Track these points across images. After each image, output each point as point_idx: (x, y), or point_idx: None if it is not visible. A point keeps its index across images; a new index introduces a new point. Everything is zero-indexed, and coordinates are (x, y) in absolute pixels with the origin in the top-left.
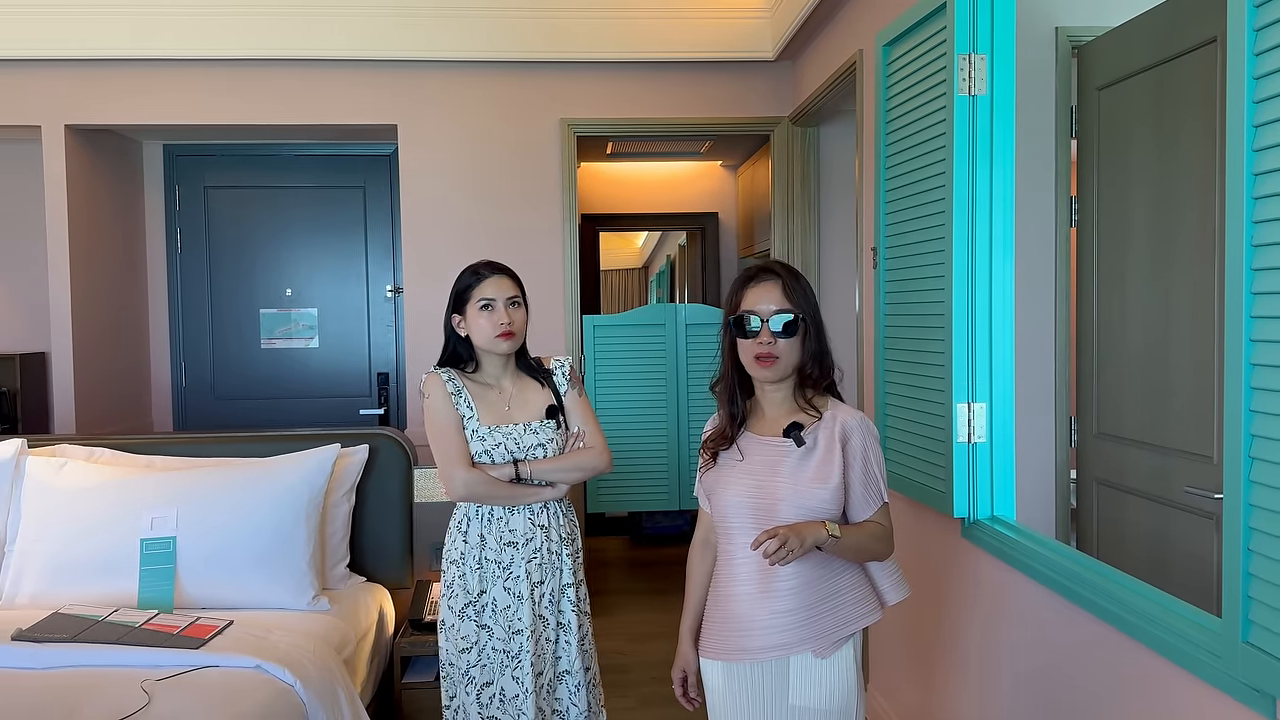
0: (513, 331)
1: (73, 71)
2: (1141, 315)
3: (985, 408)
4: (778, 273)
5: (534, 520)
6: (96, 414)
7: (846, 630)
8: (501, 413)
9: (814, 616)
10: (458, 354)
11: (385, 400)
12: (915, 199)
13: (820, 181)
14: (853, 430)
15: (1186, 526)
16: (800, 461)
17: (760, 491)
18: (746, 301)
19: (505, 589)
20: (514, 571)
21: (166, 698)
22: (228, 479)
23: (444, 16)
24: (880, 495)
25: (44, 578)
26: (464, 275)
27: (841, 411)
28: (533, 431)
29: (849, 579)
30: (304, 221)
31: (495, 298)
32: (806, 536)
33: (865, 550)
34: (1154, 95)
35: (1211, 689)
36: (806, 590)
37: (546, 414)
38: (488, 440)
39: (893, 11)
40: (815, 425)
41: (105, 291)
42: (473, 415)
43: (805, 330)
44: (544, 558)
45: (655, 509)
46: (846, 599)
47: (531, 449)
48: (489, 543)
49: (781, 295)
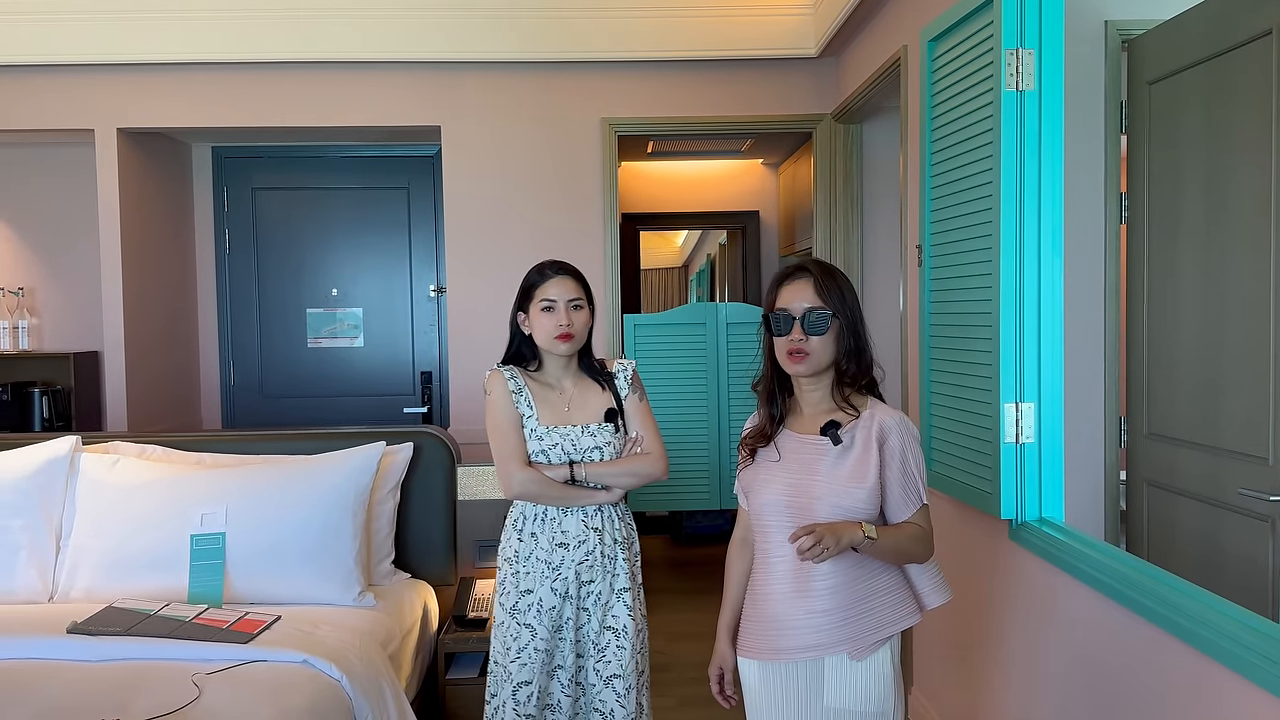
0: (571, 334)
1: (125, 76)
2: (1193, 313)
3: (1033, 407)
4: (810, 270)
5: (587, 523)
6: (148, 412)
7: (883, 633)
8: (561, 413)
9: (850, 618)
10: (521, 352)
11: (429, 398)
12: (961, 195)
13: (863, 179)
14: (891, 430)
15: (1239, 529)
16: (837, 460)
17: (797, 490)
18: (780, 300)
19: (552, 589)
20: (562, 572)
21: (217, 691)
22: (276, 476)
23: (486, 18)
24: (919, 497)
25: (98, 572)
26: (530, 274)
27: (880, 411)
28: (590, 434)
29: (887, 580)
30: (349, 222)
31: (557, 299)
32: (842, 536)
33: (903, 552)
34: (1206, 89)
35: (1265, 694)
36: (843, 591)
37: (605, 417)
38: (545, 440)
39: (938, 7)
40: (853, 424)
41: (156, 292)
42: (532, 414)
43: (839, 327)
44: (596, 560)
45: (695, 508)
46: (884, 601)
47: (588, 451)
48: (540, 542)
49: (813, 293)
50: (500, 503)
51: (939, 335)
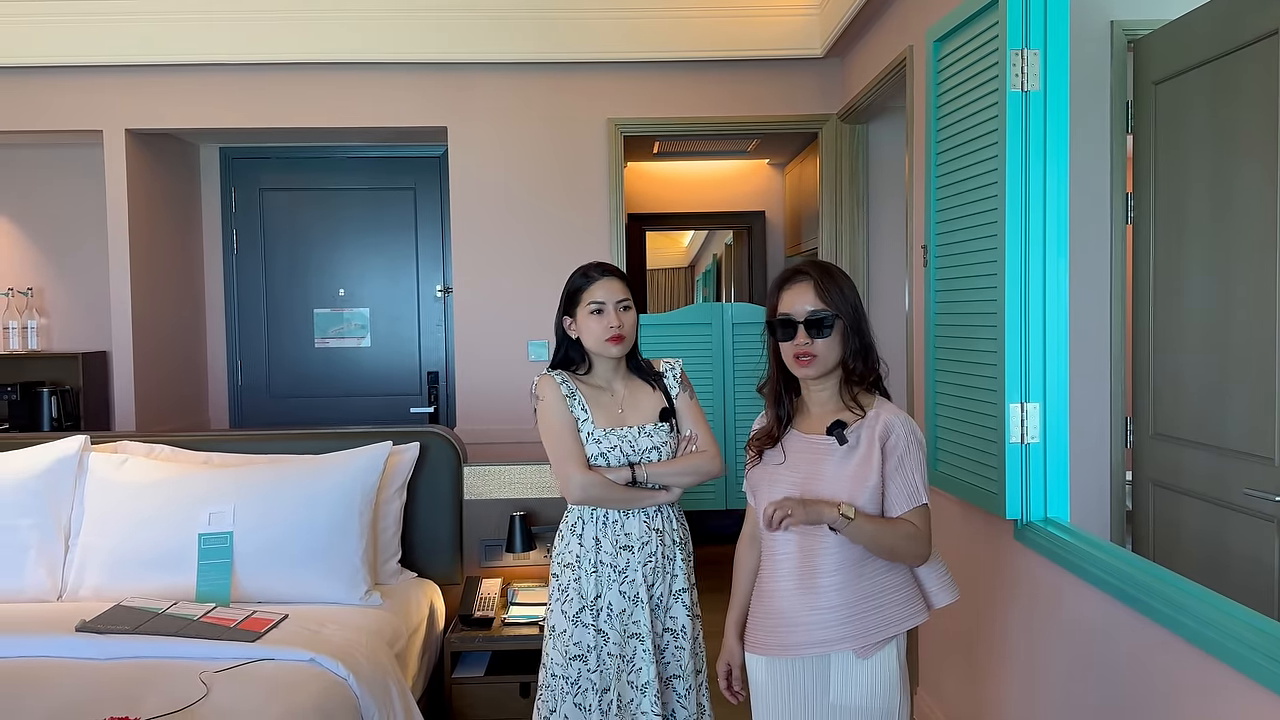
0: (623, 335)
1: (133, 78)
2: (1199, 313)
3: (1039, 408)
4: (809, 274)
5: (649, 524)
6: (156, 411)
7: (890, 631)
8: (615, 415)
9: (856, 615)
10: (569, 356)
11: (435, 398)
12: (967, 196)
13: (869, 179)
14: (893, 428)
15: (1245, 529)
16: (843, 460)
17: (803, 490)
18: (782, 305)
19: (621, 593)
20: (629, 575)
21: (224, 689)
22: (283, 476)
23: (492, 19)
24: (915, 496)
25: (106, 571)
26: (574, 277)
27: (885, 411)
28: (647, 434)
29: (894, 579)
30: (356, 222)
31: (606, 301)
32: (811, 508)
33: (887, 545)
34: (1212, 89)
35: (1271, 694)
36: (848, 589)
37: (660, 416)
38: (604, 443)
39: (944, 7)
40: (859, 423)
41: (164, 292)
42: (587, 418)
43: (843, 328)
44: (658, 562)
45: (703, 509)
46: (891, 599)
47: (646, 452)
48: (604, 546)
49: (814, 296)
50: (506, 502)
51: (944, 335)
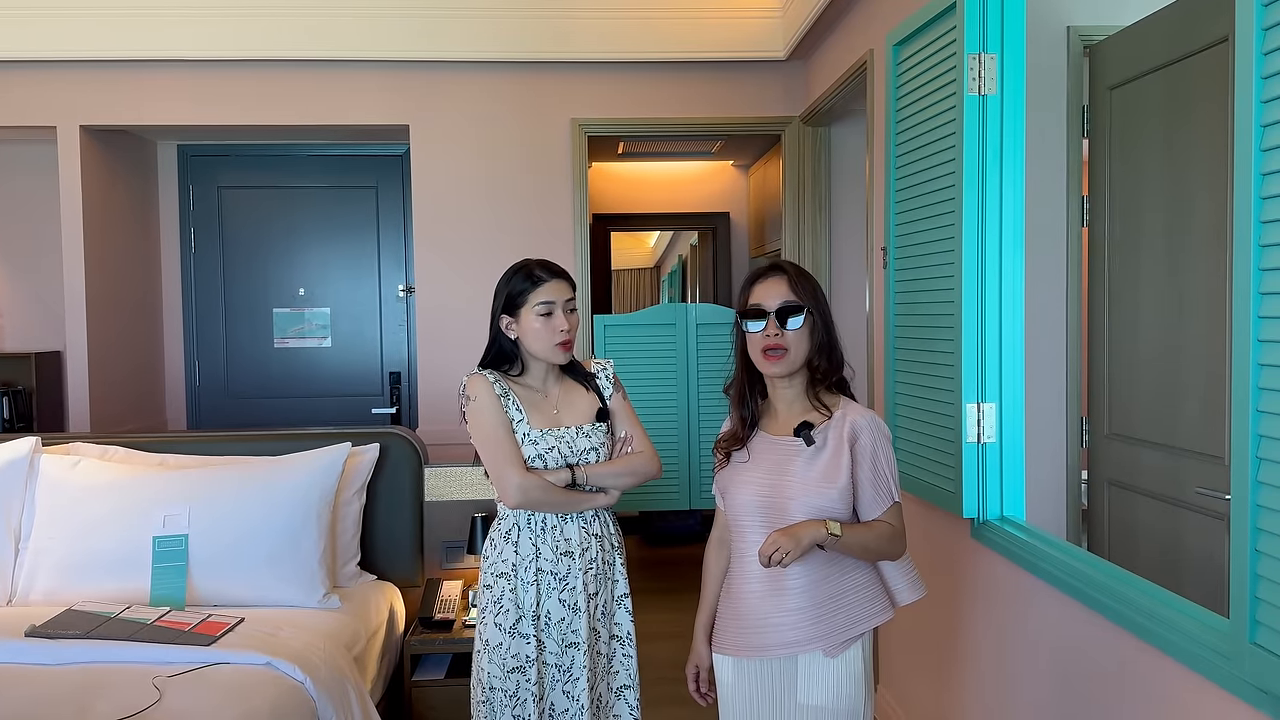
0: (573, 340)
1: (87, 73)
2: (1153, 315)
3: (995, 408)
4: (784, 269)
5: (587, 529)
6: (111, 412)
7: (856, 629)
8: (551, 416)
9: (824, 615)
10: (502, 356)
11: (397, 399)
12: (925, 199)
13: (831, 181)
14: (862, 429)
15: (1198, 527)
16: (810, 461)
17: (771, 491)
18: (754, 297)
19: (560, 601)
20: (570, 583)
21: (178, 694)
22: (239, 477)
23: (455, 17)
24: (890, 495)
25: (57, 575)
26: (517, 277)
27: (852, 410)
28: (585, 435)
29: (859, 578)
30: (317, 221)
31: (555, 302)
32: (802, 537)
33: (872, 549)
34: (1166, 95)
35: (1220, 690)
36: (814, 589)
37: (597, 417)
38: (541, 444)
39: (903, 11)
40: (826, 424)
41: (120, 291)
42: (523, 418)
43: (812, 323)
44: (600, 568)
45: (666, 509)
46: (857, 598)
47: (584, 453)
48: (544, 553)
49: (788, 289)
50: (467, 503)
51: (903, 336)
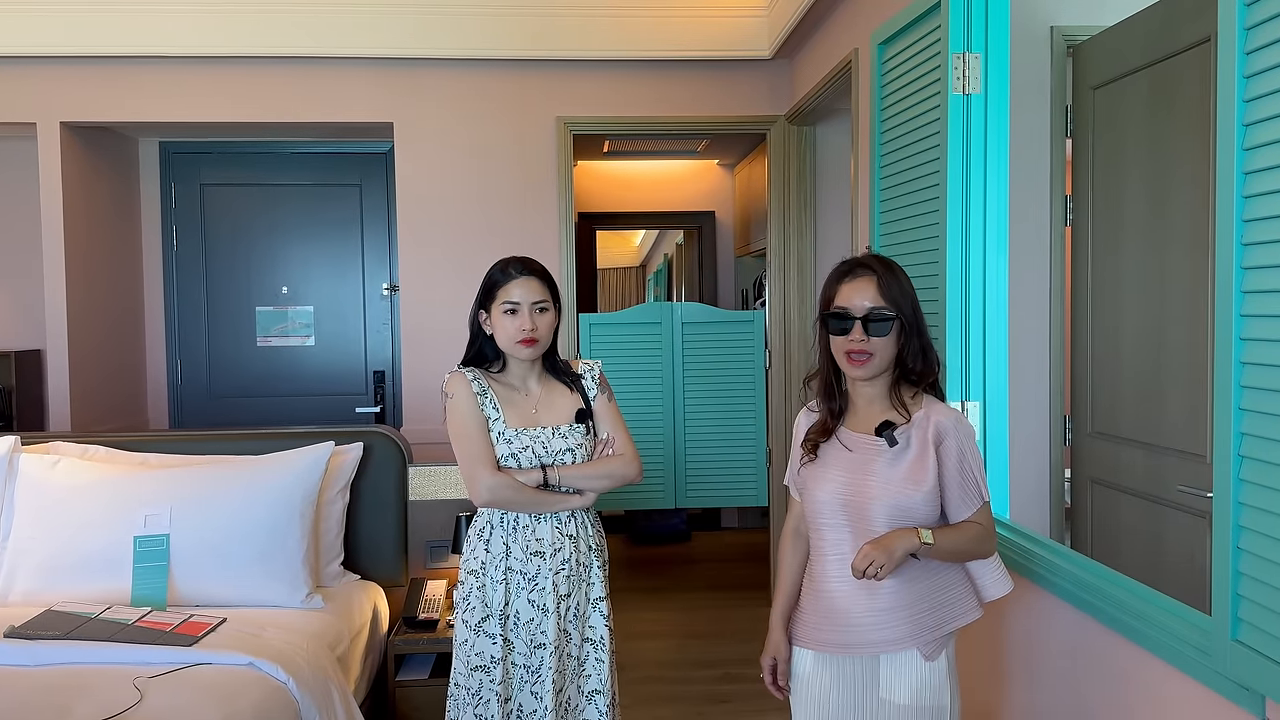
0: (535, 339)
1: (68, 69)
2: (1136, 314)
3: (979, 406)
4: (872, 268)
5: (561, 530)
6: (92, 411)
7: (947, 628)
8: (529, 415)
9: (915, 614)
10: (483, 353)
11: (381, 398)
12: (910, 198)
13: (816, 180)
14: (947, 431)
15: (1181, 525)
16: (893, 461)
17: (852, 490)
18: (840, 297)
19: (529, 601)
20: (540, 583)
21: (159, 695)
22: (221, 477)
23: (440, 14)
24: (979, 495)
25: (37, 575)
26: (493, 270)
27: (935, 411)
28: (561, 435)
29: (949, 576)
30: (300, 219)
31: (521, 301)
32: (895, 549)
33: (963, 552)
34: (1149, 95)
35: (1201, 686)
36: (905, 589)
37: (576, 418)
38: (515, 443)
39: (888, 10)
40: (908, 425)
41: (101, 289)
42: (498, 417)
43: (900, 327)
44: (573, 569)
45: (652, 508)
46: (947, 596)
47: (560, 454)
48: (514, 552)
49: (876, 292)
50: (452, 503)
51: None
